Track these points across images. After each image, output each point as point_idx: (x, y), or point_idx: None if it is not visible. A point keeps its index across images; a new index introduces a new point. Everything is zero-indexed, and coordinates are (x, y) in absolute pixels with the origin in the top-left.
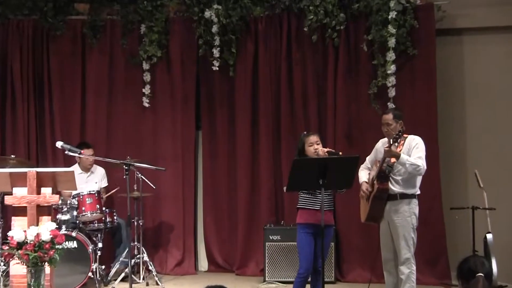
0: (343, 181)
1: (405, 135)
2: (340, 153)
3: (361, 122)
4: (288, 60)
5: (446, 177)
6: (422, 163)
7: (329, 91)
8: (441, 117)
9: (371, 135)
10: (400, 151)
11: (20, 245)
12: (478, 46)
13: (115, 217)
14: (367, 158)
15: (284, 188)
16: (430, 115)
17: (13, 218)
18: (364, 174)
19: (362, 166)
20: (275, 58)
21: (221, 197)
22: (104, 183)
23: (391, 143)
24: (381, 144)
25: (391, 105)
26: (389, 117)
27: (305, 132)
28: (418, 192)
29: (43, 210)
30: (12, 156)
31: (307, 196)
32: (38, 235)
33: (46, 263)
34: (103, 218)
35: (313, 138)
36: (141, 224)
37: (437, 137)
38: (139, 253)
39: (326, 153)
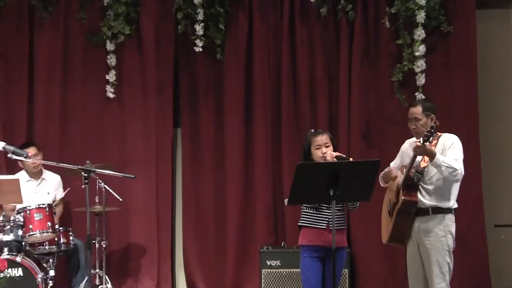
0: (359, 192)
1: (438, 133)
2: (351, 159)
3: (383, 118)
4: (290, 39)
5: (489, 187)
6: (460, 167)
7: (342, 79)
8: (483, 111)
9: (395, 133)
10: None
11: None
12: None
13: (71, 238)
14: (391, 164)
15: (285, 201)
16: (469, 108)
17: None
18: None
19: (385, 170)
20: (274, 37)
21: (206, 212)
22: (60, 194)
23: (422, 142)
24: (408, 145)
25: (419, 95)
26: (417, 110)
27: (312, 130)
28: (455, 205)
29: None
30: None
31: (311, 211)
32: None
33: None
34: (56, 239)
35: (321, 139)
36: (104, 246)
37: (479, 136)
38: (101, 283)
39: (334, 159)
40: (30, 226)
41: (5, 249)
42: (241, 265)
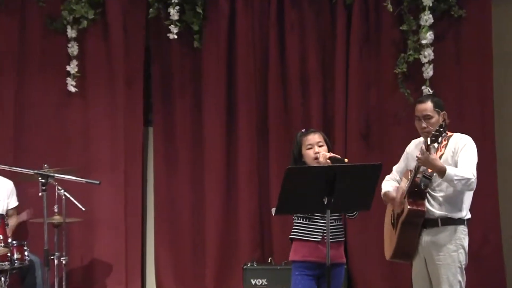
0: (358, 200)
1: (448, 133)
2: (346, 160)
3: (385, 115)
4: (279, 26)
5: (506, 194)
6: (474, 173)
7: (338, 71)
8: (499, 108)
9: (399, 133)
10: (441, 154)
11: None
12: None
13: (26, 253)
14: (394, 167)
15: (272, 210)
16: (483, 104)
17: None
18: (388, 185)
19: (388, 177)
20: (260, 23)
21: (182, 223)
22: (13, 203)
23: (429, 143)
24: (414, 146)
25: (427, 89)
26: (427, 106)
27: (303, 130)
28: (468, 215)
29: None
30: None
31: (304, 222)
32: None
33: None
34: (9, 254)
35: (313, 137)
36: (64, 262)
37: (494, 137)
38: None
39: (328, 161)
40: None
41: None
42: (222, 284)
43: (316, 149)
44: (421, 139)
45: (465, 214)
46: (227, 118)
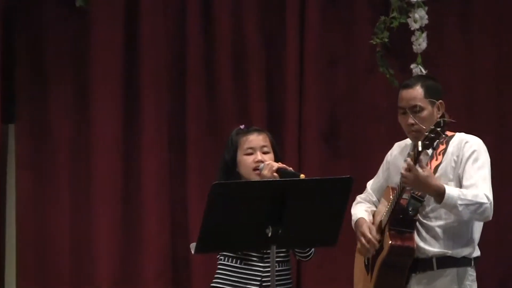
0: (318, 232)
1: (448, 133)
2: (302, 175)
3: (357, 107)
4: None
5: None
6: (489, 195)
7: (289, 44)
8: None
9: (377, 133)
10: (437, 165)
11: None
12: None
13: None
14: (369, 184)
15: (192, 247)
16: (501, 91)
17: None
18: (361, 210)
19: (360, 198)
20: None
21: (58, 261)
22: None
23: (420, 149)
24: (399, 152)
25: (418, 69)
26: (416, 93)
27: (241, 127)
28: (477, 253)
29: None
30: None
31: (234, 264)
32: None
33: None
34: None
35: (256, 139)
36: None
37: None
38: None
39: (275, 174)
40: None
41: None
42: None
43: (259, 157)
44: (408, 141)
45: (473, 250)
46: (125, 114)
